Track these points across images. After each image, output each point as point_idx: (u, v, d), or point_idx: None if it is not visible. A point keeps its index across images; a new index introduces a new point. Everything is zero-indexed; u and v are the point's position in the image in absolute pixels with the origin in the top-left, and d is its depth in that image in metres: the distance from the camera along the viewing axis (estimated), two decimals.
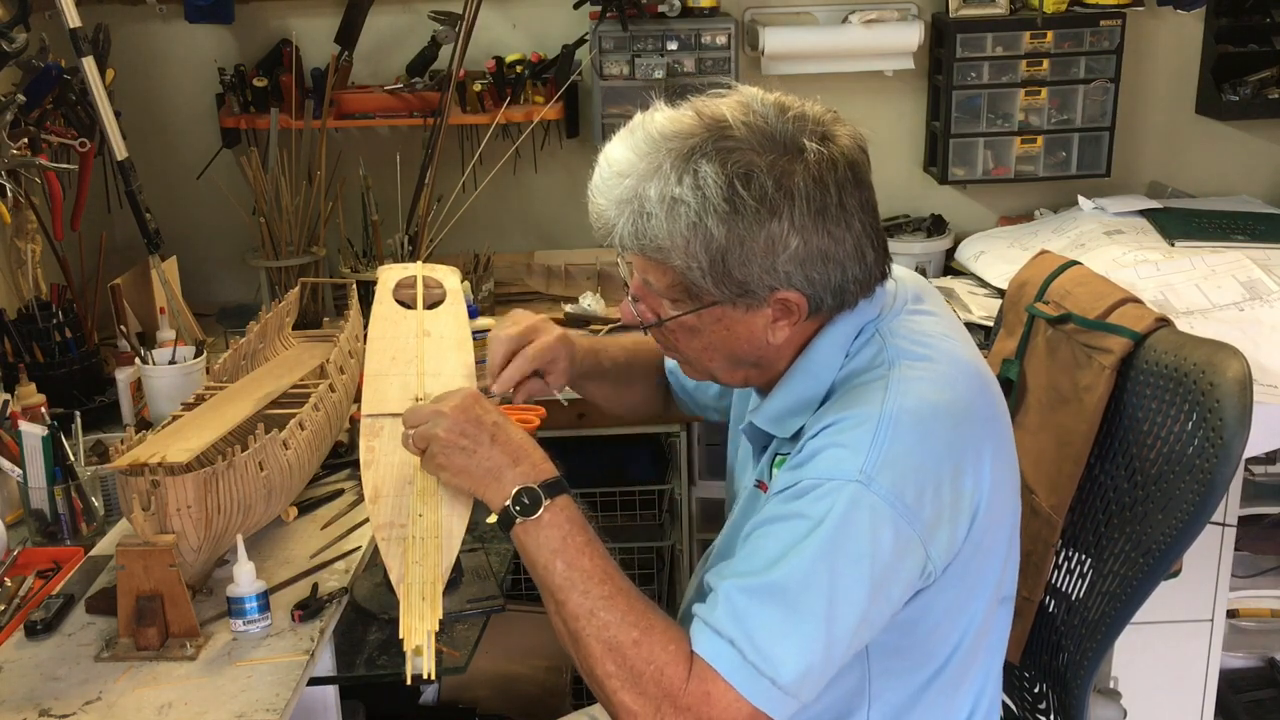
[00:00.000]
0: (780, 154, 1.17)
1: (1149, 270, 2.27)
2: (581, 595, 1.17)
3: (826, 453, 1.17)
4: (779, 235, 1.16)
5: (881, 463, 1.14)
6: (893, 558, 1.14)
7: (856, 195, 1.21)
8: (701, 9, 2.61)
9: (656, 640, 1.15)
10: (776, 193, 1.15)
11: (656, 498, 2.57)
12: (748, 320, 1.23)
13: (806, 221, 1.17)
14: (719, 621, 1.14)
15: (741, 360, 1.28)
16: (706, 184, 1.15)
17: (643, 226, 1.19)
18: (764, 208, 1.15)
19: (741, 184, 1.15)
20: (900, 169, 2.87)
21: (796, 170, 1.16)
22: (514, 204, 2.83)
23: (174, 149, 2.77)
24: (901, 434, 1.15)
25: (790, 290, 1.20)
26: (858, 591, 1.13)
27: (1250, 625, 2.63)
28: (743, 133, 1.17)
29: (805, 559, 1.12)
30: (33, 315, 2.16)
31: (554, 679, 2.40)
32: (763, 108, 1.20)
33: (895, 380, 1.19)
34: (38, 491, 1.72)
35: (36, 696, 1.33)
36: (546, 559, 1.20)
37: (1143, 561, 1.43)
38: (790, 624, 1.12)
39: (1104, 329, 1.57)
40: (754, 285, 1.19)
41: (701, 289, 1.20)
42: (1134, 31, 2.69)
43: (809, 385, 1.26)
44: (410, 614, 1.23)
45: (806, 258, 1.18)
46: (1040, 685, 1.66)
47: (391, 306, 1.70)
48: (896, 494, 1.13)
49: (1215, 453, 1.34)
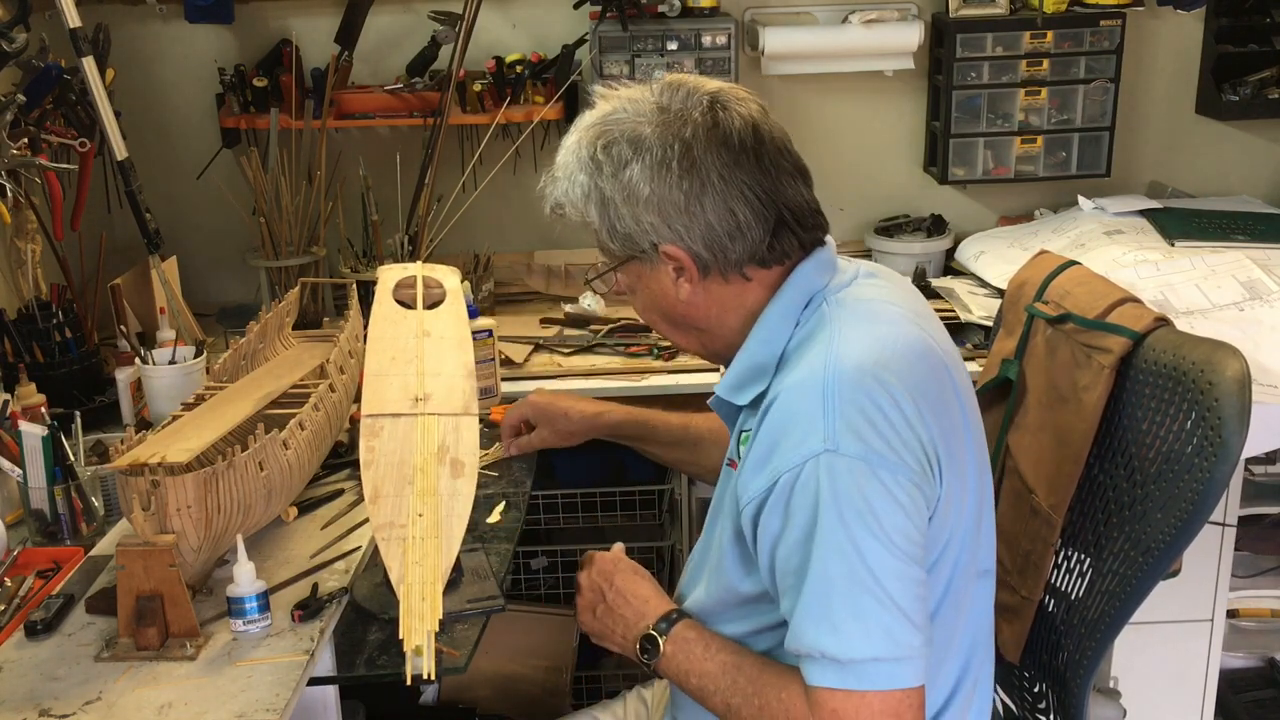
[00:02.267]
0: (640, 118, 1.30)
1: (1149, 270, 2.27)
2: (715, 696, 1.31)
3: (787, 440, 1.21)
4: (632, 185, 1.29)
5: (839, 425, 1.18)
6: (893, 501, 1.17)
7: (722, 156, 1.28)
8: (701, 9, 2.61)
9: (771, 697, 1.24)
10: (628, 147, 1.29)
11: (656, 498, 2.57)
12: (655, 276, 1.35)
13: (654, 174, 1.28)
14: (804, 647, 1.19)
15: (676, 321, 1.38)
16: (583, 148, 1.33)
17: (553, 189, 1.38)
18: (617, 163, 1.30)
19: (602, 146, 1.31)
20: (900, 169, 2.87)
21: (646, 131, 1.29)
22: (514, 204, 2.83)
23: (174, 149, 2.77)
24: (845, 391, 1.20)
25: (667, 244, 1.30)
26: (882, 545, 1.16)
27: (1250, 625, 2.62)
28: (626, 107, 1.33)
29: (825, 547, 1.17)
30: (33, 315, 2.16)
31: (554, 679, 2.40)
32: (662, 84, 1.34)
33: (834, 343, 1.25)
34: (38, 491, 1.72)
35: (36, 696, 1.33)
36: (682, 680, 1.35)
37: (1142, 561, 1.43)
38: (851, 608, 1.16)
39: (1103, 329, 1.57)
40: (635, 238, 1.32)
41: (608, 247, 1.36)
42: (1134, 31, 2.69)
43: (760, 352, 1.33)
44: (410, 614, 1.23)
45: (661, 208, 1.29)
46: (1040, 685, 1.66)
47: (391, 306, 1.70)
48: (866, 447, 1.17)
49: (1214, 452, 1.34)
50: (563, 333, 2.51)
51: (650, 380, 2.29)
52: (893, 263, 2.68)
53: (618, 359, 2.38)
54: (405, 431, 1.46)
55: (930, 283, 2.63)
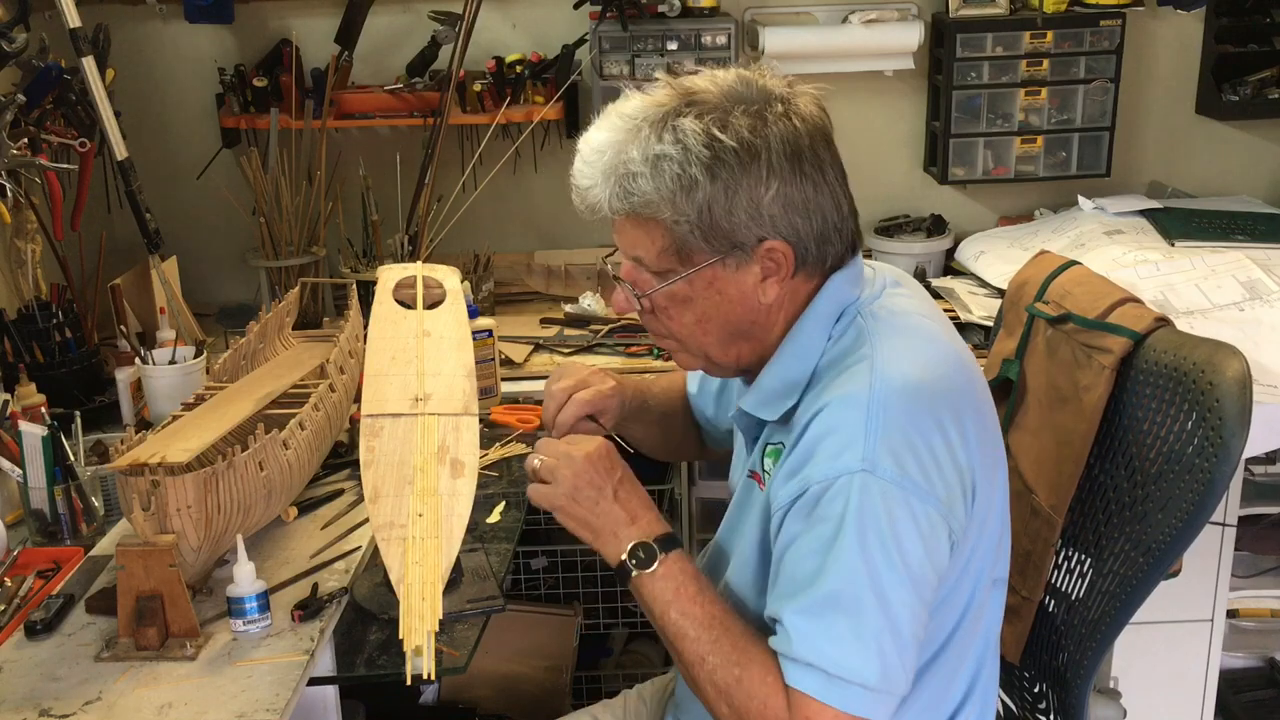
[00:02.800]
0: (750, 105, 1.22)
1: (1149, 270, 2.27)
2: (693, 643, 1.24)
3: (824, 448, 1.19)
4: (760, 178, 1.20)
5: (880, 447, 1.16)
6: (916, 532, 1.16)
7: (826, 148, 1.25)
8: (701, 9, 2.61)
9: (755, 676, 1.20)
10: (753, 137, 1.20)
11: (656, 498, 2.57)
12: (738, 279, 1.26)
13: (784, 164, 1.21)
14: (794, 650, 1.17)
15: (735, 330, 1.30)
16: (686, 136, 1.20)
17: (630, 186, 1.23)
18: (744, 151, 1.20)
19: (720, 130, 1.20)
20: (900, 169, 2.86)
21: (768, 119, 1.22)
22: (514, 204, 2.83)
23: (174, 149, 2.77)
24: (892, 414, 1.17)
25: (776, 239, 1.23)
26: (898, 573, 1.15)
27: (1250, 625, 2.62)
28: (713, 94, 1.23)
29: (842, 562, 1.15)
30: (33, 315, 2.16)
31: (554, 679, 2.40)
32: (725, 77, 1.26)
33: (879, 361, 1.22)
34: (38, 491, 1.72)
35: (36, 696, 1.33)
36: (660, 609, 1.27)
37: (1142, 561, 1.43)
38: (853, 628, 1.15)
39: (1104, 329, 1.57)
40: (741, 235, 1.22)
41: (692, 247, 1.24)
42: (1134, 31, 2.69)
43: (794, 367, 1.28)
44: (410, 614, 1.23)
45: (788, 202, 1.22)
46: (1040, 685, 1.66)
47: (391, 306, 1.70)
48: (902, 473, 1.16)
49: (1215, 452, 1.34)
50: (563, 333, 2.51)
51: None
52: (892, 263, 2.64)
53: (618, 359, 2.38)
54: (405, 431, 1.46)
55: (930, 283, 2.63)
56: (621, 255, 1.32)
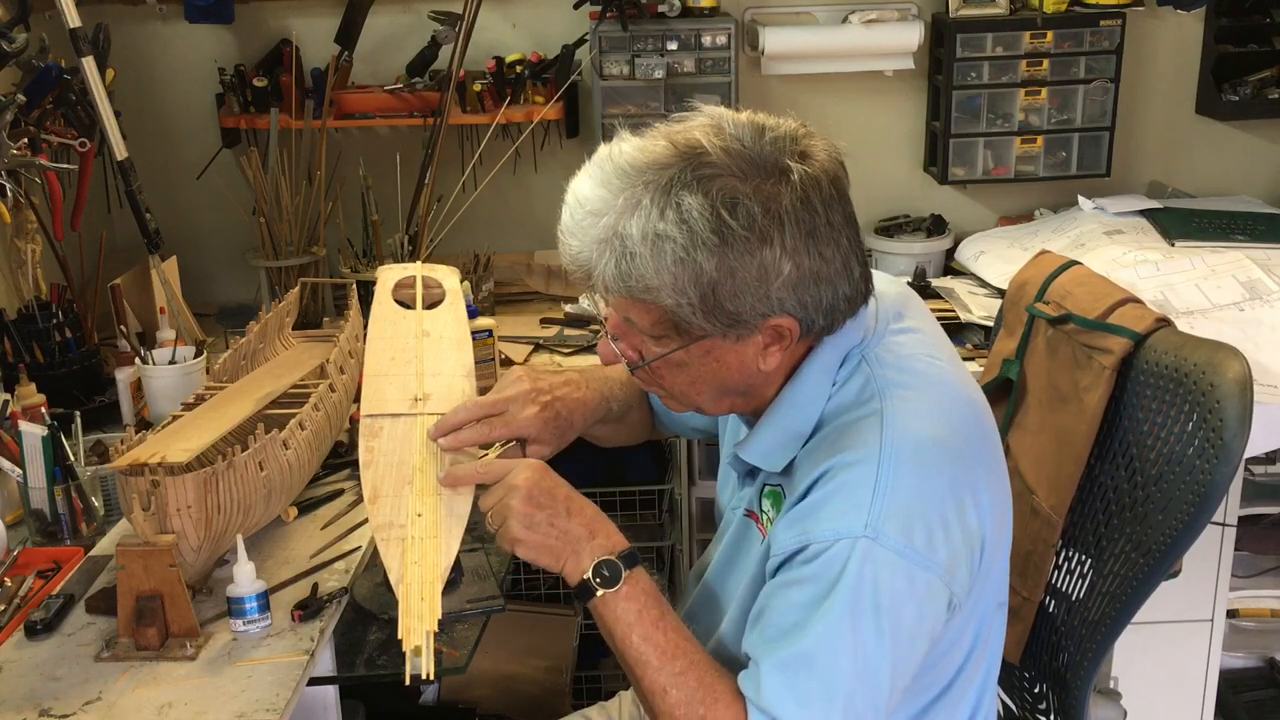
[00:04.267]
0: (764, 178, 1.12)
1: (1149, 270, 2.27)
2: (655, 672, 1.18)
3: (830, 507, 1.15)
4: (771, 263, 1.12)
5: (886, 512, 1.12)
6: (913, 603, 1.13)
7: (840, 210, 1.16)
8: (701, 9, 2.61)
9: (720, 712, 1.15)
10: (765, 219, 1.11)
11: (656, 498, 2.57)
12: (738, 350, 1.19)
13: (798, 245, 1.12)
14: (764, 701, 1.13)
15: (730, 390, 1.24)
16: (691, 216, 1.10)
17: (628, 267, 1.13)
18: (754, 236, 1.10)
19: (728, 213, 1.10)
20: (900, 169, 2.86)
21: (783, 193, 1.12)
22: (514, 204, 2.83)
23: (174, 149, 2.77)
24: (902, 477, 1.13)
25: (783, 316, 1.16)
26: (884, 644, 1.12)
27: (1250, 625, 2.62)
28: (721, 158, 1.12)
29: (827, 625, 1.12)
30: (33, 315, 2.16)
31: (554, 679, 2.40)
32: (736, 129, 1.15)
33: (889, 417, 1.17)
34: (38, 491, 1.72)
35: (36, 696, 1.33)
36: (623, 631, 1.20)
37: (1143, 562, 1.43)
38: (824, 691, 1.11)
39: (1104, 329, 1.57)
40: (746, 315, 1.15)
41: (691, 324, 1.16)
42: (1134, 31, 2.69)
43: (796, 418, 1.23)
44: (409, 614, 1.23)
45: (799, 282, 1.14)
46: (1040, 685, 1.66)
47: (391, 306, 1.70)
48: (906, 542, 1.12)
49: (1215, 453, 1.34)
50: (563, 333, 2.51)
51: None
52: (893, 263, 2.69)
53: None
54: (405, 431, 1.45)
55: (930, 283, 2.63)
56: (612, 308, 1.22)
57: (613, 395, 1.54)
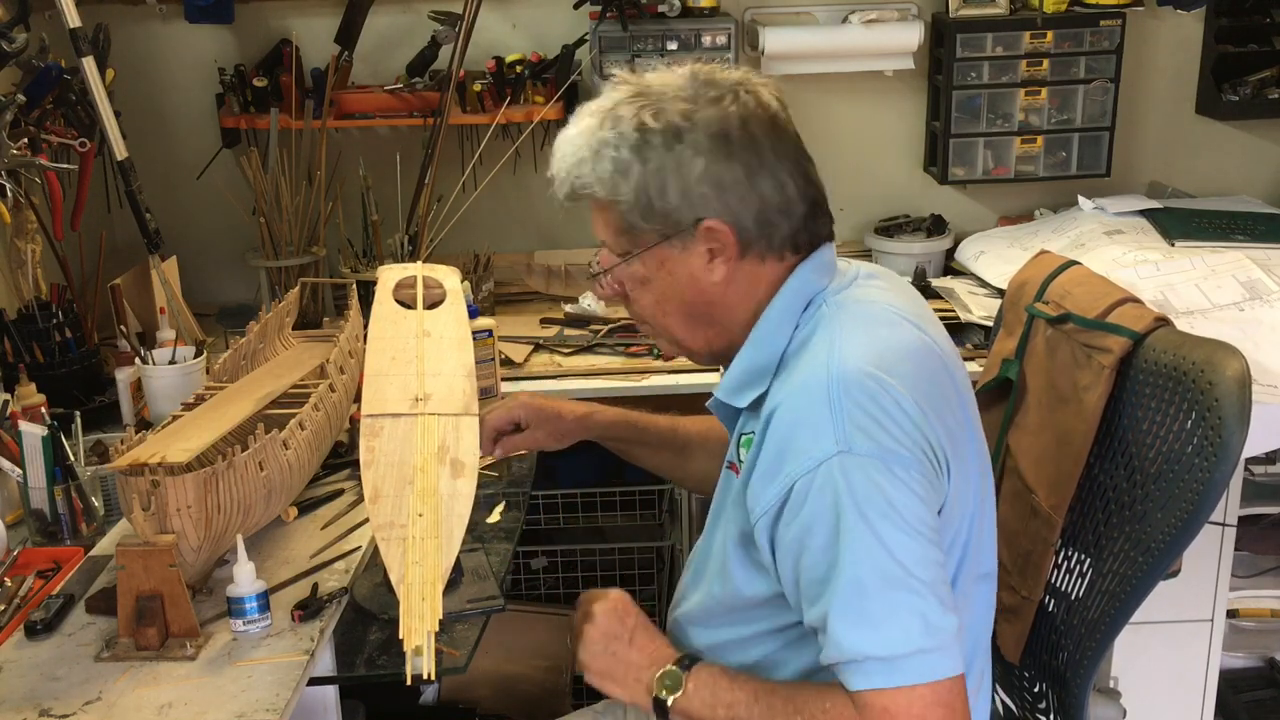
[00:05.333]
0: (686, 97, 1.29)
1: (1149, 270, 2.27)
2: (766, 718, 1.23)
3: (797, 443, 1.20)
4: (686, 159, 1.26)
5: (849, 427, 1.17)
6: (909, 491, 1.17)
7: (767, 132, 1.29)
8: (701, 9, 2.61)
9: (813, 708, 1.19)
10: (680, 120, 1.27)
11: (656, 498, 2.57)
12: (685, 260, 1.31)
13: (710, 144, 1.27)
14: (845, 652, 1.16)
15: (694, 314, 1.34)
16: (621, 122, 1.28)
17: (577, 173, 1.31)
18: (669, 134, 1.27)
19: (651, 117, 1.28)
20: (900, 169, 2.87)
21: (699, 105, 1.28)
22: (514, 204, 2.83)
23: (174, 149, 2.77)
24: (852, 394, 1.19)
25: (712, 218, 1.28)
26: (906, 535, 1.15)
27: (1250, 625, 2.62)
28: (658, 87, 1.31)
29: (853, 548, 1.15)
30: (33, 315, 2.16)
31: (554, 679, 2.40)
32: (682, 70, 1.33)
33: (834, 346, 1.24)
34: (38, 491, 1.72)
35: (36, 696, 1.33)
36: (708, 713, 1.27)
37: (1142, 560, 1.43)
38: (886, 604, 1.15)
39: (1103, 329, 1.57)
40: (677, 215, 1.28)
41: (638, 229, 1.31)
42: (1134, 31, 2.69)
43: (760, 354, 1.32)
44: (410, 614, 1.23)
45: (717, 181, 1.27)
46: (1040, 684, 1.66)
47: (392, 306, 1.70)
48: (877, 445, 1.17)
49: (1214, 451, 1.34)
50: (563, 333, 2.51)
51: (650, 380, 2.29)
52: (893, 263, 2.68)
53: (618, 359, 2.38)
54: (405, 431, 1.46)
55: (930, 283, 2.63)
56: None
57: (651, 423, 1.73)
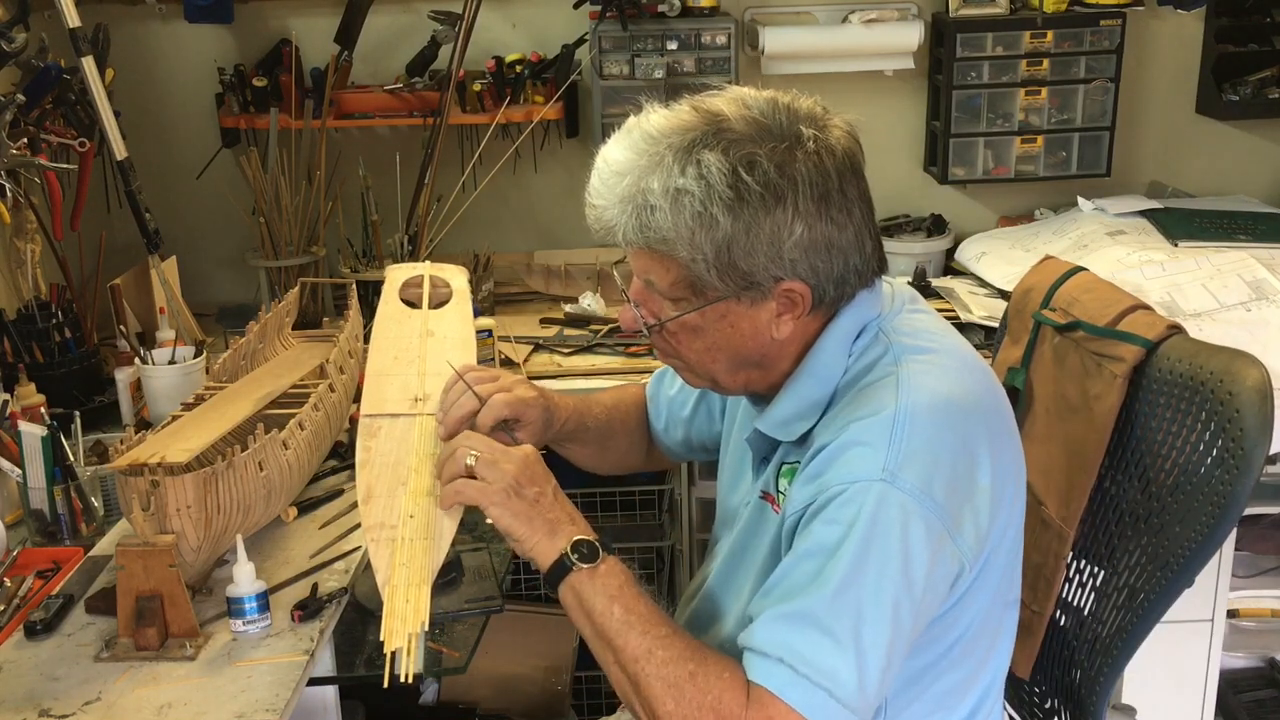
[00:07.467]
0: (779, 142, 1.17)
1: (1154, 270, 2.27)
2: (640, 635, 1.16)
3: (846, 455, 1.16)
4: (784, 222, 1.16)
5: (903, 459, 1.13)
6: (926, 551, 1.13)
7: (855, 184, 1.21)
8: (701, 9, 2.61)
9: (711, 670, 1.13)
10: (780, 179, 1.15)
11: (656, 498, 2.57)
12: (752, 315, 1.22)
13: (810, 207, 1.17)
14: (766, 645, 1.12)
15: (745, 360, 1.26)
16: (710, 172, 1.15)
17: (647, 220, 1.18)
18: (769, 194, 1.15)
19: (745, 171, 1.15)
20: (900, 169, 2.86)
21: (798, 157, 1.17)
22: (514, 204, 2.83)
23: (174, 149, 2.77)
24: (919, 428, 1.14)
25: (795, 280, 1.19)
26: (896, 590, 1.11)
27: (1250, 625, 2.62)
28: (741, 125, 1.18)
29: (839, 570, 1.11)
30: (32, 315, 2.16)
31: (554, 679, 2.40)
32: (756, 102, 1.21)
33: (904, 376, 1.19)
34: (37, 491, 1.72)
35: (36, 696, 1.33)
36: (604, 605, 1.19)
37: (1160, 575, 1.39)
38: (835, 634, 1.10)
39: (1114, 336, 1.53)
40: (759, 276, 1.18)
41: (706, 283, 1.19)
42: (1134, 31, 2.69)
43: (814, 387, 1.25)
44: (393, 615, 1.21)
45: (811, 245, 1.17)
46: (1051, 700, 1.62)
47: (397, 306, 1.70)
48: (923, 489, 1.13)
49: (1236, 463, 1.30)
50: (563, 333, 2.51)
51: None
52: (893, 263, 2.68)
53: (618, 359, 2.38)
54: (403, 432, 1.45)
55: (930, 283, 2.63)
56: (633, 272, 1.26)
57: (589, 413, 1.57)
